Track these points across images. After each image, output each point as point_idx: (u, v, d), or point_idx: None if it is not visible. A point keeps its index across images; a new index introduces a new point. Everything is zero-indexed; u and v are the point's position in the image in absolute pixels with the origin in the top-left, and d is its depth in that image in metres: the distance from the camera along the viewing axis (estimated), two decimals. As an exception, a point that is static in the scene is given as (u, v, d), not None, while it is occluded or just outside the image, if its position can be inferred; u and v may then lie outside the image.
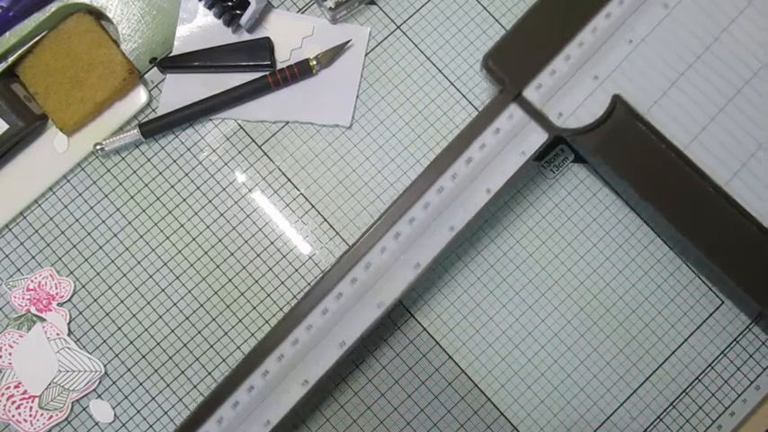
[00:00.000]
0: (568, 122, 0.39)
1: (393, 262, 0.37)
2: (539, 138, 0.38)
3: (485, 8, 0.46)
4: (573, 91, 0.39)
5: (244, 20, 0.43)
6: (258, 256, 0.43)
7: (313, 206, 0.44)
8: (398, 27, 0.46)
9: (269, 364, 0.37)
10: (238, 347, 0.42)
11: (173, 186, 0.44)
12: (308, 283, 0.43)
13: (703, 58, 0.39)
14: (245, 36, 0.45)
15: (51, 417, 0.41)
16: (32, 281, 0.43)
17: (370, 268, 0.37)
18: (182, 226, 0.44)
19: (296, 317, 0.37)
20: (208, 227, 0.44)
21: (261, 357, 0.37)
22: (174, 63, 0.44)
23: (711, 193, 0.38)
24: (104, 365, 0.42)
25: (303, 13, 0.46)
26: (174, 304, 0.43)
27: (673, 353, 0.42)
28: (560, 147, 0.44)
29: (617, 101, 0.39)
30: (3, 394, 0.41)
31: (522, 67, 0.39)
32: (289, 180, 0.44)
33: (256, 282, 0.43)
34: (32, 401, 0.41)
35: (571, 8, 0.39)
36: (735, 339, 0.42)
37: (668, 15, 0.40)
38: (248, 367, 0.37)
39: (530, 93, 0.38)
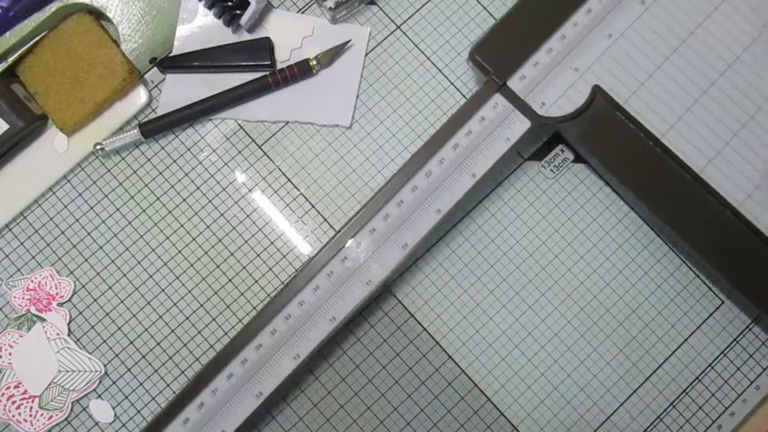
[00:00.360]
0: (551, 111, 0.40)
1: (382, 242, 0.39)
2: (522, 126, 0.40)
3: (485, 8, 0.46)
4: (555, 82, 0.41)
5: (244, 20, 0.43)
6: (258, 256, 0.43)
7: (313, 206, 0.44)
8: (398, 27, 0.46)
9: (262, 338, 0.38)
10: (238, 347, 0.42)
11: (173, 186, 0.44)
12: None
13: (679, 52, 0.41)
14: (245, 36, 0.45)
15: (51, 417, 0.41)
16: (32, 281, 0.43)
17: (360, 248, 0.39)
18: (182, 226, 0.44)
19: (288, 293, 0.39)
20: (208, 227, 0.44)
21: (255, 332, 0.38)
22: (174, 63, 0.44)
23: (688, 179, 0.40)
24: (104, 365, 0.42)
25: (303, 13, 0.46)
26: (174, 304, 0.43)
27: (673, 353, 0.42)
28: (560, 147, 0.44)
29: (597, 91, 0.41)
30: (3, 394, 0.41)
31: (507, 59, 0.41)
32: (289, 180, 0.44)
33: (256, 282, 0.43)
34: (32, 401, 0.41)
35: (554, 4, 0.41)
36: (735, 339, 0.42)
37: (646, 11, 0.42)
38: (242, 341, 0.38)
39: (514, 83, 0.40)
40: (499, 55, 0.41)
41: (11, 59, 0.43)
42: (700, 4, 0.42)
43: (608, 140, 0.40)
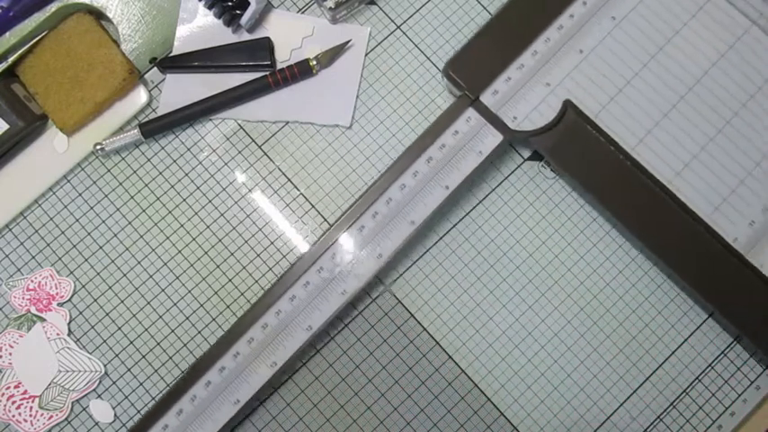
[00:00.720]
0: (522, 125, 0.41)
1: (358, 253, 0.40)
2: (494, 139, 0.41)
3: (485, 8, 0.46)
4: (527, 96, 0.42)
5: (244, 20, 0.43)
6: (258, 256, 0.43)
7: (313, 206, 0.44)
8: (398, 27, 0.46)
9: (240, 347, 0.39)
10: (238, 347, 0.42)
11: (173, 186, 0.44)
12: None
13: (649, 67, 0.42)
14: (245, 36, 0.45)
15: (51, 417, 0.41)
16: (32, 281, 0.43)
17: (336, 259, 0.40)
18: (182, 226, 0.44)
19: (266, 303, 0.40)
20: (208, 227, 0.44)
21: (232, 340, 0.39)
22: (174, 63, 0.44)
23: (657, 192, 0.40)
24: (104, 365, 0.42)
25: (303, 13, 0.46)
26: (175, 304, 0.43)
27: (673, 353, 0.42)
28: (560, 147, 0.44)
29: (568, 106, 0.41)
30: (3, 394, 0.41)
31: (480, 74, 0.42)
32: (289, 180, 0.44)
33: (256, 282, 0.43)
34: (32, 401, 0.41)
35: (526, 20, 0.42)
36: (735, 339, 0.42)
37: (616, 27, 0.42)
38: (220, 350, 0.39)
39: (486, 98, 0.41)
40: (472, 70, 0.42)
41: (11, 59, 0.43)
42: (669, 20, 0.42)
43: (579, 154, 0.41)
